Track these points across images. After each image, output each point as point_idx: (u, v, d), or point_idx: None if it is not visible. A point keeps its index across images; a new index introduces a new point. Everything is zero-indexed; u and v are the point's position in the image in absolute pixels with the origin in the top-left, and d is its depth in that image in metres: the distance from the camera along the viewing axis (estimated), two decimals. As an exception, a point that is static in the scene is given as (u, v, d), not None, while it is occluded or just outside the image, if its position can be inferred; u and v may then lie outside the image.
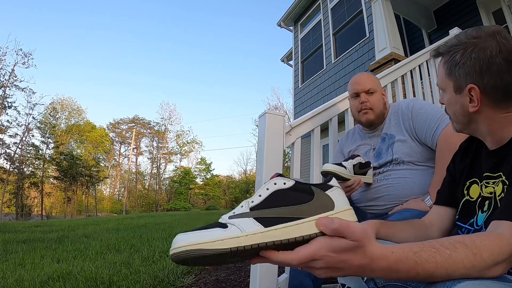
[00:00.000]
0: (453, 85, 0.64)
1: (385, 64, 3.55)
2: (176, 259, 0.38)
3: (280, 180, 0.45)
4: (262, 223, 0.40)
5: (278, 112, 1.45)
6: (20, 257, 3.13)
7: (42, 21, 46.36)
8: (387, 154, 1.24)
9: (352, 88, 1.34)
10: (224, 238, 0.38)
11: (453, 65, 0.62)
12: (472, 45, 0.60)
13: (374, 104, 1.28)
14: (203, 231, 0.39)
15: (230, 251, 0.38)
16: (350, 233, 0.37)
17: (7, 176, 19.70)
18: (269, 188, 0.44)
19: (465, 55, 0.60)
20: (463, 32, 0.64)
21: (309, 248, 0.39)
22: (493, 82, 0.58)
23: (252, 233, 0.39)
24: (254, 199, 0.44)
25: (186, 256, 0.37)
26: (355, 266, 0.39)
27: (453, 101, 0.65)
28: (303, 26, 7.56)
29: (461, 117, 0.65)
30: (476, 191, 0.64)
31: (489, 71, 0.58)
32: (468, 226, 0.64)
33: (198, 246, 0.37)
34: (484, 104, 0.60)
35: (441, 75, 0.67)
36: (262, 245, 0.38)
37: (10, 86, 19.97)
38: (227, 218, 0.42)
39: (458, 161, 0.75)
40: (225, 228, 0.40)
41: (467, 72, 0.60)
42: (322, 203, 0.43)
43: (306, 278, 1.11)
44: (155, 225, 5.94)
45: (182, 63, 60.33)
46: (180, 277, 2.09)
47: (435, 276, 0.40)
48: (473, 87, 0.59)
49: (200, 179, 35.67)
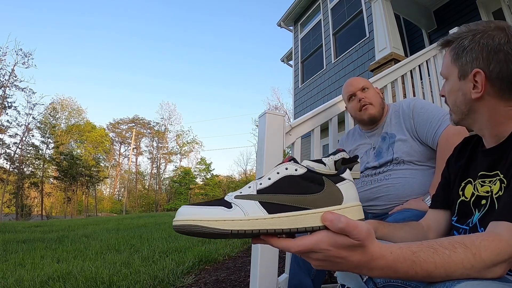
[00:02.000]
0: (458, 71, 0.63)
1: (385, 64, 3.55)
2: (177, 229, 0.39)
3: (292, 165, 0.43)
4: (266, 208, 0.39)
5: (278, 112, 1.45)
6: (20, 257, 3.13)
7: (42, 21, 46.43)
8: (387, 154, 1.24)
9: (347, 91, 1.36)
10: (226, 219, 0.38)
11: (461, 50, 0.62)
12: (482, 31, 0.60)
13: (372, 99, 1.30)
14: (207, 207, 0.39)
15: (230, 233, 0.38)
16: (356, 233, 0.37)
17: (7, 176, 19.71)
18: (279, 172, 0.43)
19: (474, 41, 0.61)
20: (473, 23, 0.64)
21: (310, 239, 0.38)
22: (499, 69, 0.58)
23: (255, 218, 0.38)
24: (262, 181, 0.43)
25: (187, 229, 0.38)
26: (352, 263, 0.39)
27: (455, 88, 0.65)
28: (303, 26, 7.56)
29: (462, 105, 0.64)
30: (469, 191, 0.64)
31: (496, 57, 0.58)
32: (464, 227, 0.64)
33: (199, 223, 0.38)
34: (487, 92, 0.60)
35: (446, 62, 0.67)
36: (263, 231, 0.38)
37: (10, 86, 20.05)
38: (233, 198, 0.41)
39: (453, 163, 0.75)
40: (229, 208, 0.39)
41: (474, 57, 0.60)
42: (331, 195, 0.42)
43: (306, 278, 1.11)
44: (155, 225, 5.94)
45: (182, 63, 60.40)
46: (180, 277, 2.09)
47: (434, 276, 0.40)
48: (479, 71, 0.59)
49: (200, 179, 35.70)
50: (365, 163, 1.31)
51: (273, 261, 1.24)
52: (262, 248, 1.21)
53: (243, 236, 0.39)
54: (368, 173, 1.27)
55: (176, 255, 2.69)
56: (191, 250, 2.84)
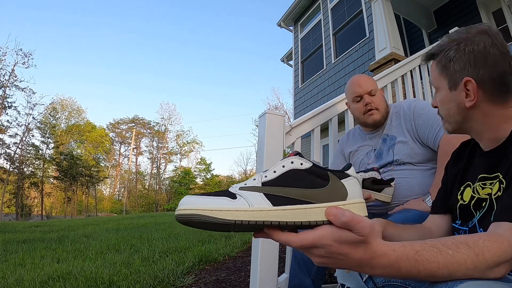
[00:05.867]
0: (448, 82, 0.63)
1: (385, 64, 3.55)
2: (180, 219, 0.38)
3: (298, 160, 0.44)
4: (271, 200, 0.39)
5: (278, 112, 1.45)
6: (20, 257, 3.13)
7: (42, 21, 46.43)
8: (387, 155, 1.24)
9: (354, 91, 1.31)
10: (230, 209, 0.38)
11: (448, 61, 0.62)
12: (465, 39, 0.60)
13: (379, 104, 1.28)
14: (211, 197, 0.39)
15: (234, 223, 0.37)
16: (360, 228, 0.37)
17: (7, 176, 19.69)
18: (285, 166, 0.43)
19: (459, 50, 0.60)
20: (453, 32, 0.64)
21: (313, 234, 0.38)
22: (488, 73, 0.58)
23: (259, 209, 0.38)
24: (268, 174, 0.42)
25: (190, 219, 0.37)
26: (355, 260, 0.38)
27: (447, 99, 0.64)
28: (303, 26, 7.56)
29: (456, 115, 0.64)
30: (468, 194, 0.64)
31: (484, 62, 0.58)
32: (464, 228, 0.64)
33: (203, 212, 0.37)
34: (480, 98, 0.59)
35: (434, 74, 0.67)
36: (267, 223, 0.38)
37: (10, 86, 20.02)
38: (237, 189, 0.41)
39: (450, 168, 0.75)
40: (233, 198, 0.39)
41: (462, 66, 0.60)
42: (335, 191, 0.42)
43: (306, 278, 1.11)
44: (155, 225, 5.94)
45: (182, 63, 60.40)
46: (180, 277, 2.09)
47: (436, 275, 0.40)
48: (469, 79, 0.59)
49: (200, 179, 35.70)
50: (365, 165, 1.31)
51: (273, 261, 1.24)
52: (262, 248, 1.21)
53: (246, 229, 0.39)
54: (368, 173, 1.28)
55: (176, 255, 2.69)
56: (191, 250, 2.84)
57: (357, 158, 1.37)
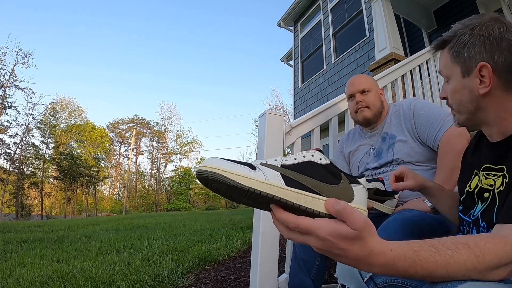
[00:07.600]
0: (461, 68, 0.61)
1: (385, 64, 3.55)
2: (200, 175, 0.41)
3: (318, 154, 0.47)
4: (285, 180, 0.42)
5: (278, 112, 1.45)
6: (20, 257, 3.12)
7: (42, 21, 46.43)
8: (387, 154, 1.24)
9: (348, 90, 1.37)
10: (248, 176, 0.40)
11: (461, 46, 0.61)
12: (479, 24, 0.59)
13: (370, 102, 1.30)
14: (234, 163, 0.41)
15: (247, 190, 0.39)
16: (352, 220, 0.38)
17: (7, 176, 19.68)
18: (305, 156, 0.46)
19: (473, 34, 0.59)
20: (465, 19, 0.63)
21: (311, 221, 0.39)
22: (503, 58, 0.57)
23: (273, 184, 0.41)
24: (288, 159, 0.46)
25: (210, 176, 0.39)
26: (352, 256, 0.39)
27: (460, 87, 0.62)
28: (303, 26, 7.56)
29: (468, 103, 0.62)
30: (475, 183, 0.64)
31: (499, 47, 0.57)
32: (467, 218, 0.64)
33: (224, 173, 0.39)
34: (495, 86, 0.58)
35: (445, 62, 0.65)
36: (276, 198, 0.40)
37: (10, 86, 19.98)
38: (258, 163, 0.44)
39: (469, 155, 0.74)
40: (253, 169, 0.42)
41: (477, 50, 0.58)
42: (344, 192, 0.44)
43: (306, 278, 1.11)
44: (155, 225, 5.93)
45: (182, 63, 60.39)
46: (180, 277, 2.09)
47: (435, 275, 0.40)
48: (485, 64, 0.57)
49: (200, 179, 35.59)
50: (365, 164, 1.31)
51: (273, 261, 1.24)
52: (262, 248, 1.21)
53: (255, 200, 0.42)
54: (369, 174, 1.28)
55: (176, 255, 2.69)
56: (191, 250, 2.84)
57: (357, 158, 1.37)
